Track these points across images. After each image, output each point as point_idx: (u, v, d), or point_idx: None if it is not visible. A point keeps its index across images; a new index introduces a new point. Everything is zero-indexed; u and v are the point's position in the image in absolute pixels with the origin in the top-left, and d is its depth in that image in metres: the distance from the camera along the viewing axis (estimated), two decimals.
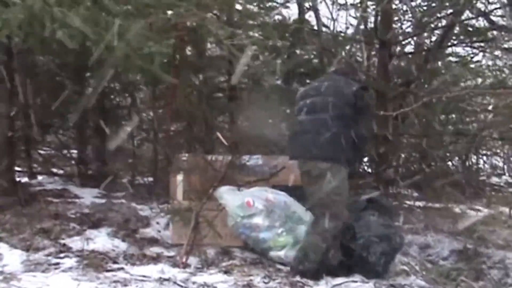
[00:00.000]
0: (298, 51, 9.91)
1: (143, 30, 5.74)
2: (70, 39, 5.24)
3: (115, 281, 4.59)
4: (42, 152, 10.06)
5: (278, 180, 6.73)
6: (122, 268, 5.18)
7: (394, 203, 7.33)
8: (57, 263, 5.17)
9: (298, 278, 5.29)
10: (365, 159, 10.24)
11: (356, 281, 5.19)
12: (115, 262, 5.42)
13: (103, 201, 7.46)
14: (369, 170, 10.09)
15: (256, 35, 9.75)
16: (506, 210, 9.73)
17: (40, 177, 9.32)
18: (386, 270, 5.98)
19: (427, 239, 7.31)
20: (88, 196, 7.72)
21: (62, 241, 5.90)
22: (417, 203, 9.11)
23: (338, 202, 5.63)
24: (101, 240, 6.06)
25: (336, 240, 5.64)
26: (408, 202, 8.89)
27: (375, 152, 8.72)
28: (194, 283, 4.77)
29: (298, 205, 6.26)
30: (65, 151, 10.16)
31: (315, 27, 10.00)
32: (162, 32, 6.54)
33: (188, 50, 8.92)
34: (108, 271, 5.04)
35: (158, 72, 6.11)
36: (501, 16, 9.36)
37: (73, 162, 9.82)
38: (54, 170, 9.77)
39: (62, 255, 5.48)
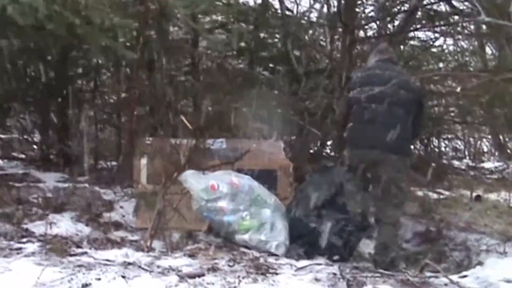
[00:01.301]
0: (262, 35, 9.90)
1: (102, 4, 5.62)
2: (21, 16, 5.12)
3: (79, 266, 4.53)
4: (2, 136, 9.94)
5: (243, 163, 6.74)
6: (85, 253, 5.13)
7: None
8: (20, 248, 5.09)
9: (262, 261, 5.31)
10: (330, 142, 10.32)
11: (320, 264, 5.20)
12: (78, 247, 5.37)
13: (66, 185, 7.39)
14: (333, 153, 10.14)
15: (220, 18, 9.73)
16: (467, 193, 9.84)
17: (0, 162, 9.22)
18: (351, 253, 6.03)
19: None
20: (50, 181, 7.65)
21: (25, 226, 5.83)
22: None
23: (404, 192, 6.04)
24: (64, 224, 6.00)
25: None
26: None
27: (340, 135, 8.76)
28: (158, 266, 4.74)
29: (263, 188, 6.28)
30: (26, 136, 10.05)
31: (279, 11, 9.99)
32: (123, 8, 6.46)
33: (152, 33, 8.84)
34: (71, 255, 4.97)
35: (121, 49, 6.06)
36: (462, 1, 9.44)
37: (35, 146, 9.73)
38: (16, 154, 9.67)
39: (24, 240, 5.40)
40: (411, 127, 6.02)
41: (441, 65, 11.11)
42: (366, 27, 10.88)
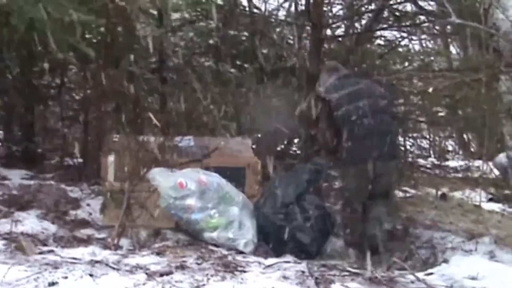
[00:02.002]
0: (230, 32, 9.88)
1: None
2: None
3: (45, 264, 4.50)
4: None
5: (211, 161, 6.74)
6: (52, 251, 5.09)
7: (324, 184, 7.39)
8: None
9: (230, 259, 5.31)
10: (296, 141, 10.35)
11: (288, 262, 5.23)
12: (44, 245, 5.34)
13: (31, 182, 7.33)
14: (299, 151, 10.17)
15: (187, 15, 9.70)
16: (432, 191, 9.93)
17: None
18: (319, 251, 6.06)
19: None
20: (15, 178, 7.58)
21: None
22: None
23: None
24: (30, 222, 5.94)
25: None
26: (338, 183, 8.98)
27: (305, 134, 8.78)
28: (126, 265, 4.72)
29: (231, 186, 6.30)
30: None
31: (247, 9, 9.98)
32: (87, 4, 6.41)
33: (119, 30, 8.79)
34: (37, 253, 4.95)
35: (80, 44, 6.01)
36: (428, 1, 9.50)
37: None
38: None
39: None
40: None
41: (406, 64, 11.16)
42: (334, 26, 10.90)
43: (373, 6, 10.02)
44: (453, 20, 3.46)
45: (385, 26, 10.29)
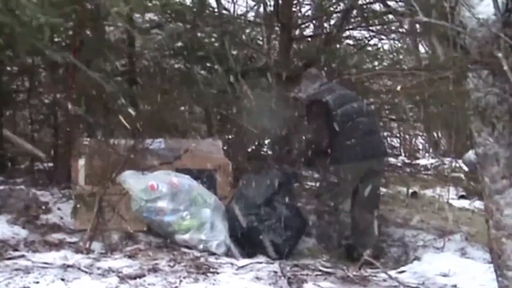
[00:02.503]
0: (199, 34, 9.87)
1: (31, 2, 5.54)
2: None
3: (16, 269, 4.48)
4: None
5: (182, 163, 6.74)
6: (23, 256, 5.06)
7: (296, 185, 7.41)
8: None
9: (203, 260, 5.32)
10: (267, 141, 10.38)
11: (261, 262, 5.25)
12: (15, 250, 5.30)
13: (1, 187, 7.26)
14: (270, 152, 10.20)
15: (156, 18, 9.67)
16: (403, 189, 10.00)
17: None
18: (291, 251, 6.08)
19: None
20: None
21: None
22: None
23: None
24: (0, 227, 5.90)
25: None
26: (309, 183, 9.01)
27: (277, 134, 8.83)
28: (98, 268, 4.71)
29: (202, 188, 6.32)
30: None
31: (216, 10, 9.97)
32: (56, 7, 6.36)
33: (88, 32, 8.74)
34: (8, 259, 4.90)
35: (48, 48, 5.97)
36: (397, 1, 9.56)
37: None
38: None
39: None
40: None
41: (376, 63, 11.22)
42: (303, 26, 10.95)
43: (341, 6, 10.07)
44: (420, 19, 3.49)
45: (354, 25, 10.35)
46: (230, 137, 9.74)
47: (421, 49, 14.67)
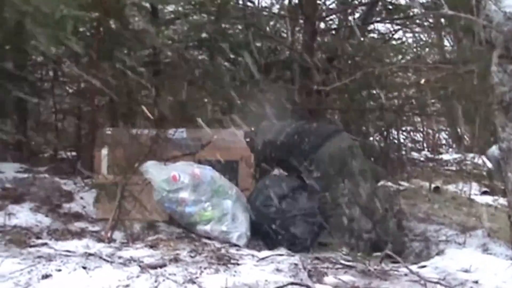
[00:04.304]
0: (223, 26, 9.87)
1: None
2: None
3: (39, 257, 4.51)
4: None
5: (204, 154, 6.74)
6: (46, 244, 5.10)
7: None
8: None
9: (224, 251, 5.32)
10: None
11: (282, 255, 5.23)
12: (38, 238, 5.34)
13: (25, 175, 7.31)
14: None
15: (181, 9, 9.68)
16: (426, 184, 9.95)
17: None
18: (312, 244, 6.07)
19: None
20: (9, 171, 7.55)
21: None
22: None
23: None
24: (23, 215, 5.95)
25: None
26: None
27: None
28: (120, 257, 4.73)
29: (224, 179, 6.30)
30: None
31: (240, 2, 9.98)
32: None
33: (112, 23, 8.77)
34: (31, 246, 4.95)
35: (70, 40, 5.99)
36: None
37: None
38: None
39: None
40: None
41: (400, 57, 11.17)
42: (327, 19, 10.92)
43: None
44: (446, 12, 3.47)
45: (378, 19, 10.31)
46: (252, 129, 9.73)
47: (446, 43, 14.59)
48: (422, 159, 13.63)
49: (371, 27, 10.94)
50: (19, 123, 8.97)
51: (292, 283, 4.24)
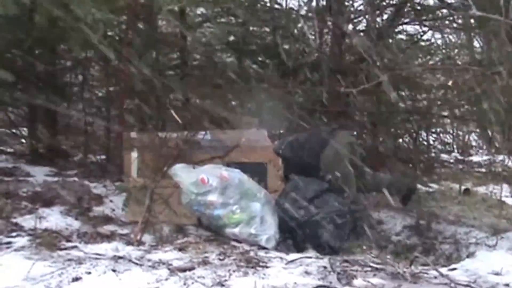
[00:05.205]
0: (251, 28, 9.89)
1: None
2: (3, 7, 5.10)
3: (69, 260, 4.54)
4: None
5: (232, 157, 6.75)
6: (75, 247, 5.12)
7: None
8: (9, 242, 5.08)
9: (253, 254, 5.32)
10: None
11: (310, 257, 5.22)
12: (68, 241, 5.36)
13: (55, 179, 7.38)
14: None
15: (209, 12, 9.71)
16: (456, 186, 9.87)
17: None
18: (341, 246, 6.05)
19: (380, 215, 7.40)
20: (39, 174, 7.63)
21: (14, 220, 5.79)
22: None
23: None
24: (53, 218, 5.98)
25: None
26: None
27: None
28: (149, 260, 4.75)
29: (252, 182, 6.31)
30: (14, 129, 10.01)
31: (268, 4, 9.97)
32: (107, 2, 6.42)
33: (140, 27, 8.83)
34: (61, 249, 4.97)
35: (101, 44, 6.02)
36: None
37: (23, 140, 9.69)
38: (4, 148, 9.63)
39: (14, 234, 5.38)
40: None
41: (429, 58, 11.10)
42: (355, 20, 10.88)
43: (394, 1, 9.98)
44: (474, 13, 3.44)
45: (407, 20, 10.24)
46: (281, 131, 9.73)
47: (475, 44, 14.47)
48: (452, 161, 13.53)
49: (399, 28, 10.88)
50: (49, 127, 9.04)
51: (321, 286, 4.23)
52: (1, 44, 7.71)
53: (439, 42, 12.14)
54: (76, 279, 4.08)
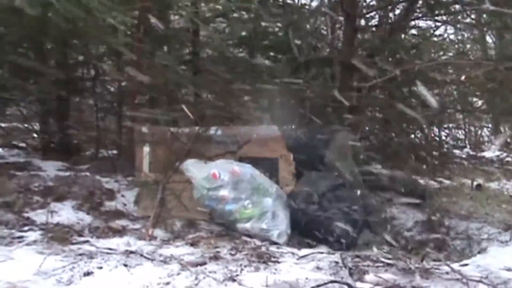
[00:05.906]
0: (263, 24, 9.87)
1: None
2: (30, 6, 5.12)
3: (80, 254, 4.55)
4: (3, 125, 9.91)
5: (244, 152, 6.74)
6: (87, 241, 5.14)
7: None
8: (21, 237, 5.10)
9: (264, 249, 5.31)
10: None
11: (322, 252, 5.21)
12: (80, 235, 5.38)
13: (67, 174, 7.39)
14: None
15: (220, 7, 9.70)
16: (468, 181, 9.84)
17: (1, 150, 9.20)
18: (353, 242, 6.04)
19: (392, 210, 7.38)
20: (51, 169, 7.65)
21: (26, 215, 5.82)
22: None
23: None
24: (65, 213, 6.01)
25: None
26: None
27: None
28: (160, 255, 4.75)
29: (264, 177, 6.30)
30: (27, 124, 10.03)
31: (280, 0, 9.96)
32: (125, 3, 6.44)
33: (152, 22, 8.82)
34: (73, 244, 4.99)
35: (120, 44, 6.03)
36: None
37: (35, 135, 9.71)
38: (16, 143, 9.65)
39: (26, 228, 5.41)
40: None
41: (441, 53, 11.08)
42: (368, 16, 10.85)
43: None
44: (487, 8, 3.42)
45: (419, 15, 10.21)
46: (292, 126, 9.72)
47: (488, 39, 14.42)
48: (464, 156, 13.50)
49: (412, 23, 10.85)
50: (61, 122, 9.06)
51: (332, 281, 4.21)
52: (14, 39, 7.74)
53: (452, 37, 12.12)
54: (87, 273, 4.09)
